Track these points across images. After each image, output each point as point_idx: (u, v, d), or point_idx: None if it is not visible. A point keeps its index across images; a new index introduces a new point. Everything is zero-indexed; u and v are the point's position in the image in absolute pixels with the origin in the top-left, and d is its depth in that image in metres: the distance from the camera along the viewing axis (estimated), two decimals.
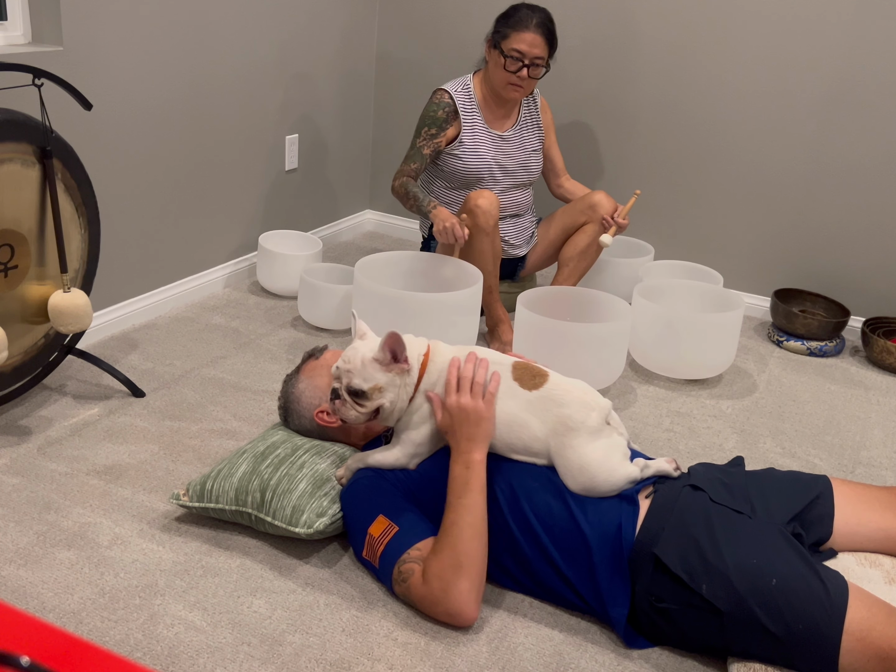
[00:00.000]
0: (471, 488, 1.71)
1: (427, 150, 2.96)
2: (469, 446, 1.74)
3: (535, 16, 2.86)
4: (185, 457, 2.23)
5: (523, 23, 2.84)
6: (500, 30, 2.90)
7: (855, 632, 1.51)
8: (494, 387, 1.78)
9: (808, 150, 3.24)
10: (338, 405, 1.83)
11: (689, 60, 3.33)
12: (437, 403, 1.79)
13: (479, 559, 1.70)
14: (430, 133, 2.96)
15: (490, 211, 2.79)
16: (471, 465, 1.73)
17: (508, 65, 2.87)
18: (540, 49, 2.86)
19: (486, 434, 1.76)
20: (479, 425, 1.75)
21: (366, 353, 1.79)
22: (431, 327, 2.56)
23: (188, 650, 1.62)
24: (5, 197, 2.10)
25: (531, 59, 2.86)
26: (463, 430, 1.75)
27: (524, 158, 3.09)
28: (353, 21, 3.67)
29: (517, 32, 2.85)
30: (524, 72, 2.87)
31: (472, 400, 1.75)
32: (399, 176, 2.94)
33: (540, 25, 2.85)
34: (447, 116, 2.97)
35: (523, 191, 3.14)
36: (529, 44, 2.84)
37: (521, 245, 3.18)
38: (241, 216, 3.33)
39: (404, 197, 2.90)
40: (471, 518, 1.70)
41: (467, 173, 3.02)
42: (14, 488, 2.05)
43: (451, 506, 1.72)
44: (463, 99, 3.00)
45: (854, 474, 2.41)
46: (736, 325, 2.76)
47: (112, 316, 2.85)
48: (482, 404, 1.75)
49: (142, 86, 2.75)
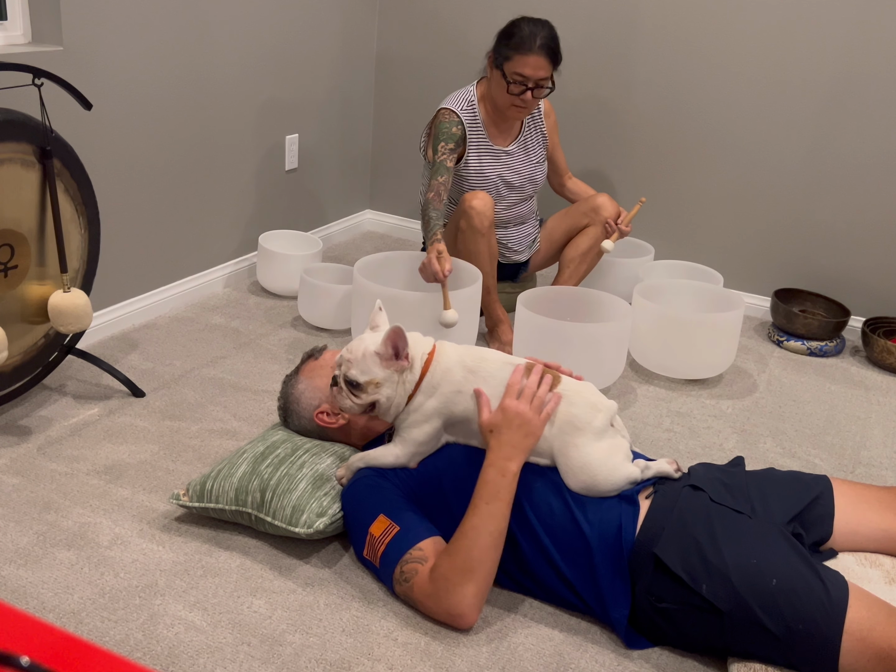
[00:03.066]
0: (500, 497, 1.70)
1: (450, 163, 2.82)
2: (511, 453, 1.73)
3: (539, 35, 2.73)
4: (185, 457, 2.23)
5: (526, 45, 2.73)
6: (501, 50, 2.79)
7: (855, 632, 1.51)
8: (552, 408, 1.76)
9: (808, 150, 3.24)
10: (335, 392, 1.84)
11: (689, 60, 3.33)
12: (486, 401, 1.78)
13: (490, 568, 1.70)
14: (448, 147, 2.84)
15: (484, 212, 2.78)
16: (507, 473, 1.71)
17: (512, 89, 2.78)
18: (544, 70, 2.77)
19: (528, 448, 1.74)
20: (526, 437, 1.74)
21: (369, 346, 1.79)
22: (431, 327, 2.56)
23: (188, 650, 1.62)
24: (5, 197, 2.10)
25: (535, 81, 2.78)
26: (510, 435, 1.74)
27: (529, 171, 3.04)
28: (353, 21, 3.67)
29: (520, 56, 2.74)
30: (528, 94, 2.80)
31: (531, 411, 1.74)
32: (429, 190, 2.76)
33: (543, 47, 2.74)
34: (462, 133, 2.89)
35: (527, 201, 3.12)
36: (533, 67, 2.74)
37: (523, 251, 3.17)
38: (241, 216, 3.33)
39: (422, 214, 2.77)
40: (493, 527, 1.69)
41: (470, 188, 2.97)
42: (14, 488, 2.05)
43: (477, 510, 1.70)
44: (469, 119, 2.92)
45: (854, 474, 2.41)
46: (736, 325, 2.76)
47: (112, 316, 2.85)
48: (538, 419, 1.74)
49: (142, 86, 2.75)
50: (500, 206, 3.03)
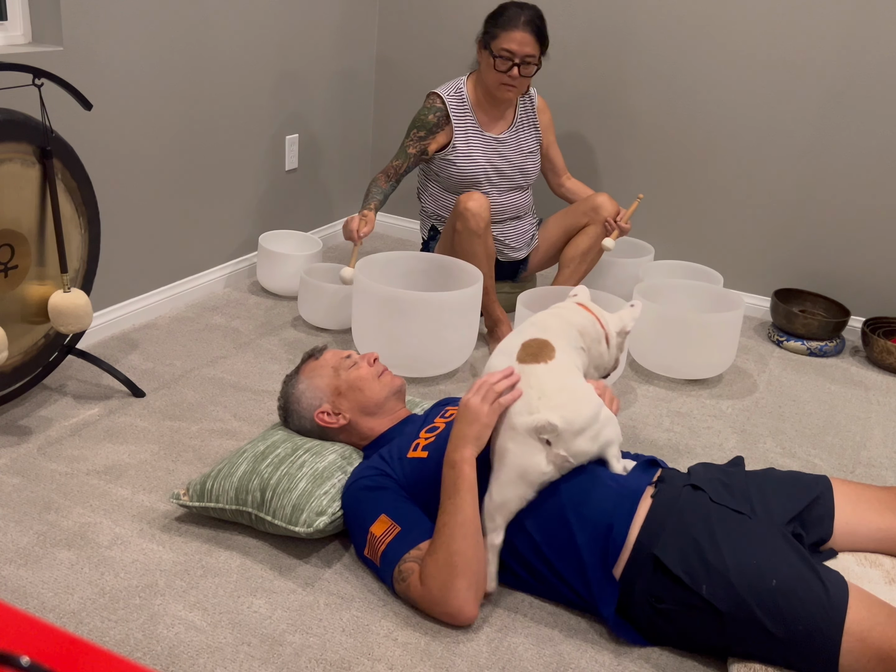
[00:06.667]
0: (458, 488, 1.71)
1: (412, 149, 2.98)
2: (457, 444, 1.74)
3: (524, 13, 2.84)
4: (185, 457, 2.23)
5: (512, 22, 2.82)
6: (489, 30, 2.89)
7: (855, 632, 1.51)
8: (508, 400, 1.74)
9: (808, 150, 3.24)
10: None
11: (688, 60, 3.33)
12: None
13: (473, 558, 1.69)
14: (418, 135, 2.98)
15: (479, 213, 2.79)
16: (455, 464, 1.72)
17: (499, 65, 2.86)
18: (530, 47, 2.84)
19: (475, 435, 1.73)
20: (471, 424, 1.73)
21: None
22: (431, 327, 2.56)
23: (188, 650, 1.62)
24: (5, 197, 2.10)
25: (522, 57, 2.85)
26: (458, 426, 1.75)
27: (520, 161, 3.07)
28: (353, 21, 3.67)
29: (506, 32, 2.83)
30: (515, 71, 2.86)
31: (479, 401, 1.75)
32: (381, 172, 3.00)
33: (528, 23, 2.83)
34: (437, 121, 2.97)
35: (521, 193, 3.13)
36: (519, 42, 2.82)
37: (521, 248, 3.17)
38: (241, 216, 3.33)
39: (366, 189, 3.00)
40: (461, 517, 1.69)
41: (462, 178, 3.01)
42: (14, 488, 2.05)
43: (442, 507, 1.73)
44: (455, 103, 2.99)
45: (854, 474, 2.41)
46: (736, 325, 2.76)
47: (112, 316, 2.85)
48: (485, 407, 1.73)
49: (142, 86, 2.75)
50: (494, 196, 3.04)
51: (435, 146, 2.99)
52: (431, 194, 3.12)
